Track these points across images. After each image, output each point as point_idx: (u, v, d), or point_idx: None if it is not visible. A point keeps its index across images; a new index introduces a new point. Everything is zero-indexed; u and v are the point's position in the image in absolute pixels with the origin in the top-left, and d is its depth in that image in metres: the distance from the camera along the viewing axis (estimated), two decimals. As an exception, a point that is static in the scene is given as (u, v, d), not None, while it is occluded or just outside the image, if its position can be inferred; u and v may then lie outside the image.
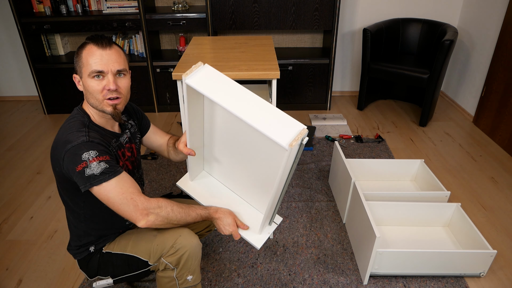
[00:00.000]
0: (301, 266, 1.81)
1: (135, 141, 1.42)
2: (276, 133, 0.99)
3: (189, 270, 1.29)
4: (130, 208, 1.13)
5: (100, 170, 1.11)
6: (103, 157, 1.13)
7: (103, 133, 1.24)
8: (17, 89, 3.74)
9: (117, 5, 3.12)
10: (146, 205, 1.14)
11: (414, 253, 1.66)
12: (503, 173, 2.51)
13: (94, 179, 1.11)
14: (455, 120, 3.24)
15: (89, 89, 1.19)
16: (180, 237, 1.25)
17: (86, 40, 1.20)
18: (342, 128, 3.11)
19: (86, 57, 1.17)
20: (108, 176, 1.12)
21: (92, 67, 1.17)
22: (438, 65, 2.82)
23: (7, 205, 2.27)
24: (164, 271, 1.29)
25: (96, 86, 1.18)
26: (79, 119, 1.21)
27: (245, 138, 1.19)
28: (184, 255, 1.25)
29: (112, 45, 1.20)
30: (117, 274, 1.36)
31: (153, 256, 1.28)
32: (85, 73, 1.18)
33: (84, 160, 1.10)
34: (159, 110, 3.45)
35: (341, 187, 2.14)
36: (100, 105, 1.21)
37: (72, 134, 1.15)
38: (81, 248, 1.34)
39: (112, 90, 1.19)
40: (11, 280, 1.76)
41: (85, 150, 1.11)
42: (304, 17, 3.09)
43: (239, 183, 1.38)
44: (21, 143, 2.97)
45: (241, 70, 1.68)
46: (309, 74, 3.30)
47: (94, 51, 1.17)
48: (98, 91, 1.19)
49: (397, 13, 3.43)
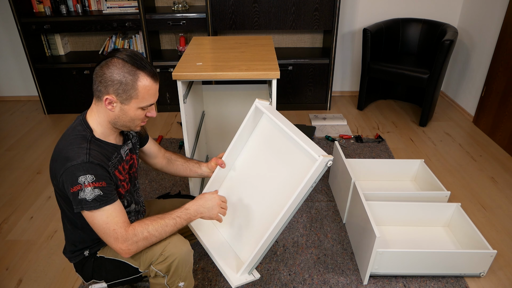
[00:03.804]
0: (301, 266, 1.81)
1: (136, 151, 1.41)
2: (309, 147, 1.21)
3: (180, 277, 1.28)
4: (111, 239, 1.15)
5: (93, 196, 1.11)
6: (99, 183, 1.12)
7: (105, 147, 1.22)
8: (17, 89, 3.75)
9: (117, 5, 3.12)
10: (125, 237, 1.15)
11: (414, 253, 1.66)
12: (503, 173, 2.51)
13: (86, 204, 1.11)
14: (455, 120, 3.24)
15: (132, 116, 1.19)
16: (169, 245, 1.23)
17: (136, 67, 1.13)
18: (342, 128, 3.11)
19: (143, 91, 1.15)
20: (99, 204, 1.12)
21: (150, 102, 1.18)
22: (438, 65, 2.82)
23: (7, 205, 2.27)
24: (155, 278, 1.28)
25: (141, 115, 1.20)
26: (81, 133, 1.18)
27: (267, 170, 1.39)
28: (174, 262, 1.23)
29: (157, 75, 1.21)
30: (110, 279, 1.35)
31: (143, 263, 1.27)
32: (137, 104, 1.16)
33: (79, 183, 1.10)
34: (159, 110, 3.45)
35: (341, 187, 2.14)
36: (132, 128, 1.23)
37: (72, 150, 1.13)
38: (76, 252, 1.34)
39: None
40: (11, 280, 1.76)
41: (82, 173, 1.10)
42: (304, 17, 3.09)
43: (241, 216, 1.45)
44: (21, 143, 2.97)
45: (241, 70, 1.68)
46: (309, 74, 3.30)
47: (151, 86, 1.16)
48: (141, 119, 1.21)
49: (397, 13, 3.43)
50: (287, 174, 1.33)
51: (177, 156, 1.60)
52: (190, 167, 1.57)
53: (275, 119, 1.33)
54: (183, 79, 1.67)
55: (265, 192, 1.38)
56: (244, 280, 1.30)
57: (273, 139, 1.40)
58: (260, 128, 1.45)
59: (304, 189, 1.20)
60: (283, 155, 1.35)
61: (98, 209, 1.12)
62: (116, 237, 1.14)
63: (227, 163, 1.49)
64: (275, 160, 1.37)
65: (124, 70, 1.12)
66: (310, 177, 1.17)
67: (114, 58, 1.13)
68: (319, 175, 1.19)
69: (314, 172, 1.16)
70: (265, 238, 1.25)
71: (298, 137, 1.25)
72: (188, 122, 1.81)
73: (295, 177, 1.30)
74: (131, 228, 1.17)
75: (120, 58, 1.12)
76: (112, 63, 1.12)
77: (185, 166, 1.57)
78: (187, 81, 1.81)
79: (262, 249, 1.28)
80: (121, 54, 1.13)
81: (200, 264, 1.81)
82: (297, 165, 1.30)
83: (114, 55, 1.14)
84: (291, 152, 1.32)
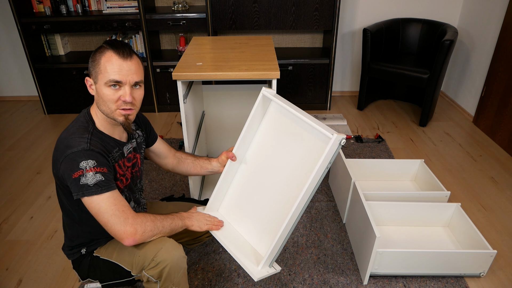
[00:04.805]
0: (301, 266, 1.81)
1: (140, 151, 1.41)
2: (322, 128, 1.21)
3: (173, 282, 1.25)
4: (120, 221, 1.12)
5: (94, 181, 1.11)
6: (101, 168, 1.12)
7: (106, 141, 1.23)
8: (17, 89, 3.75)
9: (117, 5, 3.12)
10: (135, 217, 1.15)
11: (414, 253, 1.66)
12: (503, 173, 2.51)
13: (87, 190, 1.10)
14: (455, 120, 3.24)
15: (103, 97, 1.17)
16: (161, 250, 1.21)
17: (106, 45, 1.16)
18: (342, 128, 3.11)
19: (104, 64, 1.15)
20: (100, 190, 1.11)
21: (110, 76, 1.14)
22: (438, 65, 2.82)
23: (7, 205, 2.27)
24: (148, 283, 1.27)
25: (111, 95, 1.17)
26: (84, 125, 1.20)
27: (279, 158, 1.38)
28: (166, 268, 1.21)
29: (133, 55, 1.18)
30: (104, 279, 1.35)
31: (135, 267, 1.26)
32: (101, 80, 1.16)
33: (81, 168, 1.10)
34: (159, 110, 3.44)
35: (341, 187, 2.14)
36: (111, 114, 1.20)
37: (73, 140, 1.14)
38: (74, 249, 1.34)
39: (128, 102, 1.18)
40: (11, 280, 1.76)
41: (84, 158, 1.11)
42: (304, 17, 3.09)
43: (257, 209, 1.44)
44: (21, 143, 2.97)
45: (241, 70, 1.68)
46: (309, 74, 3.30)
47: (114, 60, 1.14)
48: (112, 101, 1.17)
49: (397, 13, 3.43)
50: (301, 158, 1.30)
51: (187, 155, 1.60)
52: (200, 164, 1.56)
53: (284, 104, 1.32)
54: (183, 79, 1.67)
55: (279, 181, 1.36)
56: (266, 273, 1.28)
57: (283, 126, 1.37)
58: (269, 117, 1.43)
59: (321, 169, 1.18)
60: (295, 140, 1.33)
61: (100, 194, 1.11)
62: (127, 217, 1.13)
63: (238, 155, 1.46)
64: (287, 146, 1.35)
65: (99, 51, 1.17)
66: (326, 156, 1.15)
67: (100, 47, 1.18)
68: (333, 154, 1.17)
69: (329, 151, 1.15)
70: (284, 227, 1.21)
71: (309, 119, 1.24)
72: (188, 122, 1.81)
73: (310, 160, 1.27)
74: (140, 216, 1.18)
75: (104, 44, 1.18)
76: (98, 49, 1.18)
77: (195, 164, 1.57)
78: (187, 81, 1.81)
79: (282, 238, 1.25)
80: (106, 42, 1.18)
81: (200, 264, 1.81)
82: (311, 147, 1.27)
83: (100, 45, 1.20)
84: (303, 136, 1.30)
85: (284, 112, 1.38)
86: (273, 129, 1.41)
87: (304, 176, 1.28)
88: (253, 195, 1.44)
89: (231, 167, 1.48)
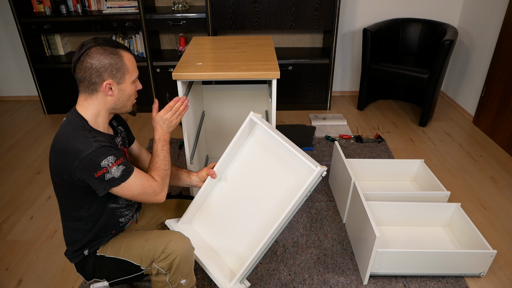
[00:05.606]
0: (301, 266, 1.81)
1: (126, 146, 1.42)
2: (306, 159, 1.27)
3: (182, 274, 1.29)
4: (151, 196, 1.27)
5: (119, 173, 1.18)
6: (119, 160, 1.18)
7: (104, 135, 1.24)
8: (17, 89, 3.75)
9: (117, 5, 3.12)
10: (161, 186, 1.30)
11: (414, 253, 1.66)
12: (503, 173, 2.51)
13: (114, 181, 1.17)
14: (455, 120, 3.24)
15: (129, 93, 1.25)
16: (170, 242, 1.26)
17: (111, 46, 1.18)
18: (342, 128, 3.11)
19: (128, 64, 1.21)
20: (126, 177, 1.20)
21: (136, 72, 1.25)
22: (438, 65, 2.82)
23: (7, 205, 2.27)
24: (157, 275, 1.29)
25: (134, 89, 1.27)
26: (79, 124, 1.19)
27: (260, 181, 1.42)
28: (176, 259, 1.25)
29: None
30: (112, 277, 1.36)
31: (145, 261, 1.28)
32: (129, 78, 1.23)
33: (104, 167, 1.14)
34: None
35: (341, 187, 2.14)
36: (126, 108, 1.28)
37: (79, 142, 1.13)
38: (76, 252, 1.34)
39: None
40: (11, 280, 1.76)
41: (103, 157, 1.14)
42: (304, 17, 3.09)
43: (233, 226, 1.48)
44: (21, 143, 2.97)
45: (241, 70, 1.68)
46: (309, 74, 3.30)
47: (132, 58, 1.23)
48: (134, 94, 1.28)
49: (397, 13, 3.43)
50: (283, 184, 1.36)
51: None
52: (179, 175, 1.54)
53: (270, 131, 1.37)
54: (183, 79, 1.67)
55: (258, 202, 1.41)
56: None
57: (267, 151, 1.42)
58: (254, 140, 1.47)
59: (301, 197, 1.26)
60: (277, 166, 1.38)
61: (127, 181, 1.20)
62: (155, 190, 1.27)
63: (219, 173, 1.49)
64: (270, 170, 1.40)
65: (107, 53, 1.17)
66: (307, 187, 1.24)
67: (92, 48, 1.16)
68: (314, 184, 1.25)
69: (311, 182, 1.23)
70: (259, 248, 1.29)
71: (294, 149, 1.31)
72: (188, 122, 1.82)
73: (291, 186, 1.34)
74: (154, 176, 1.30)
75: (97, 44, 1.17)
76: (93, 52, 1.15)
77: (174, 174, 1.53)
78: (187, 81, 1.81)
79: (256, 258, 1.33)
80: (94, 42, 1.17)
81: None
82: (292, 175, 1.34)
83: (88, 46, 1.16)
84: (286, 163, 1.37)
85: (270, 137, 1.42)
86: (258, 152, 1.45)
87: (284, 200, 1.34)
88: (231, 213, 1.48)
89: (210, 184, 1.50)
